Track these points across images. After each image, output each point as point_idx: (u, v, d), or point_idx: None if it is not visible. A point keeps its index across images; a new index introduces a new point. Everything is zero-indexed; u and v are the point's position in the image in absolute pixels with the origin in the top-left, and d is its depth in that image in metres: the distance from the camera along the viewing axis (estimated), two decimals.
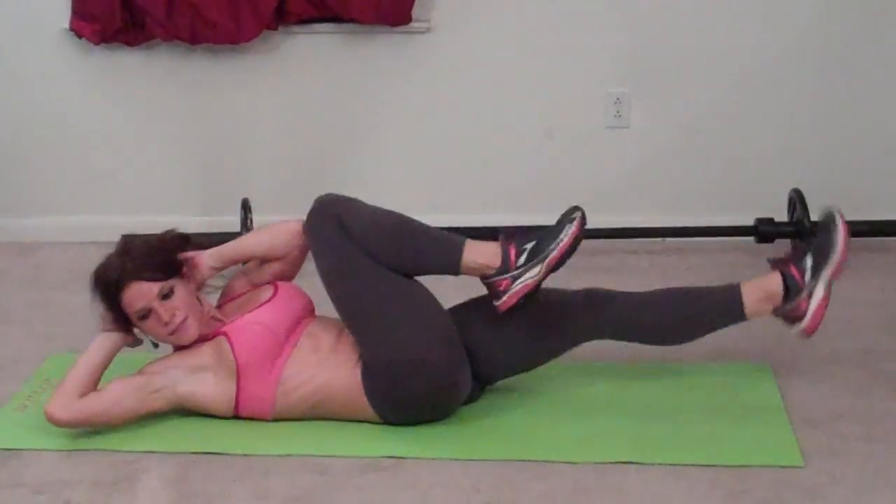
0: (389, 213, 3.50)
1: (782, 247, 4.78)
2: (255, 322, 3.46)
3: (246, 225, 4.69)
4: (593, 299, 3.53)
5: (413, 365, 3.37)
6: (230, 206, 4.86)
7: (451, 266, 3.45)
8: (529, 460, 3.28)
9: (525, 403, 3.58)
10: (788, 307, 3.48)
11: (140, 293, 3.41)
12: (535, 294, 3.41)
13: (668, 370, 3.77)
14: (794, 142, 5.00)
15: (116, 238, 3.65)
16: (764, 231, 4.77)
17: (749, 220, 4.82)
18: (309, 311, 3.63)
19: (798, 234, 4.70)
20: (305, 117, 5.06)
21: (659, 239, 4.95)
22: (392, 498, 3.13)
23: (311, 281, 3.57)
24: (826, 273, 3.47)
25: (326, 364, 3.44)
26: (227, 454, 3.33)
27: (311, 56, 4.98)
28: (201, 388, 3.42)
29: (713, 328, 3.58)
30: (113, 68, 4.99)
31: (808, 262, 3.48)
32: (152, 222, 4.86)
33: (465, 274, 3.45)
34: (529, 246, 3.41)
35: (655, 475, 3.20)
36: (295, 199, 5.07)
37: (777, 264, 3.53)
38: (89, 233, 4.93)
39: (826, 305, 3.47)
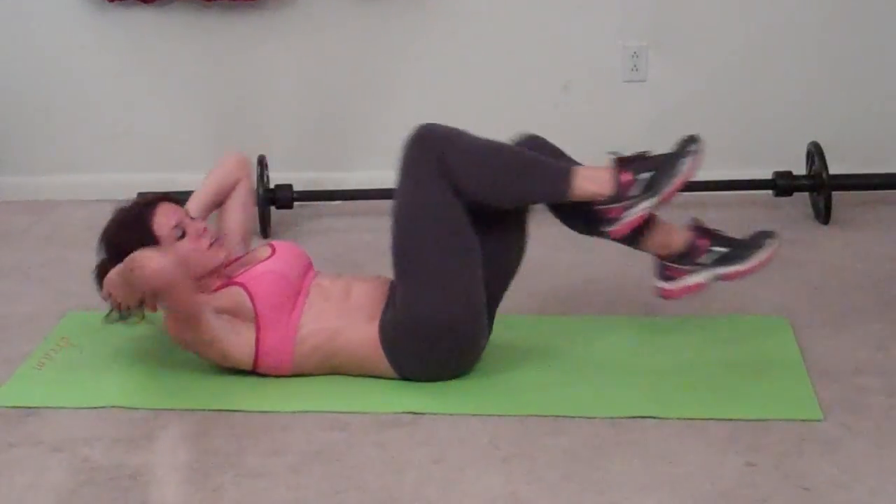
0: (493, 146, 3.40)
1: (801, 199, 4.77)
2: (270, 271, 3.46)
3: (262, 182, 4.68)
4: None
5: (443, 330, 3.35)
6: None
7: (560, 195, 3.38)
8: (547, 415, 3.28)
9: (542, 358, 3.57)
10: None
11: (172, 209, 3.48)
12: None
13: (685, 324, 3.76)
14: (813, 95, 4.97)
15: (132, 196, 3.66)
16: (782, 184, 4.74)
17: (767, 174, 4.79)
18: (309, 264, 3.62)
19: (816, 188, 4.67)
20: (321, 73, 5.05)
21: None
22: (410, 454, 3.13)
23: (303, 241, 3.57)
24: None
25: (339, 313, 3.43)
26: (246, 411, 3.34)
27: (326, 10, 4.95)
28: (227, 328, 3.41)
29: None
30: (128, 25, 4.98)
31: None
32: (168, 180, 4.89)
33: (573, 201, 3.39)
34: (645, 177, 3.35)
35: (673, 429, 3.20)
36: (311, 155, 5.10)
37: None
38: (105, 191, 4.93)
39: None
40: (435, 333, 3.36)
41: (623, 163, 3.39)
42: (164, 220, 3.45)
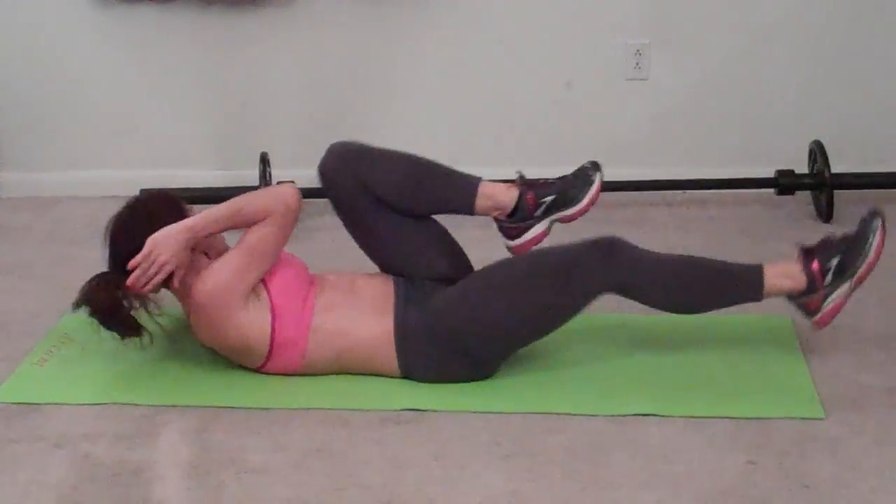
0: (678, 264, 3.46)
1: (803, 197, 4.76)
2: (281, 260, 3.47)
3: (265, 179, 4.68)
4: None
5: (471, 361, 3.40)
6: (249, 160, 4.85)
7: (755, 299, 3.43)
8: (549, 413, 3.28)
9: (544, 357, 3.57)
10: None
11: None
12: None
13: (687, 322, 3.75)
14: (815, 93, 4.97)
15: (134, 193, 3.65)
16: (784, 183, 4.74)
17: (769, 172, 4.79)
18: (305, 266, 3.60)
19: (818, 186, 4.67)
20: (324, 71, 5.04)
21: (679, 191, 4.92)
22: (412, 451, 3.13)
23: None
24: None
25: (348, 303, 3.44)
26: (247, 408, 3.34)
27: (329, 9, 4.95)
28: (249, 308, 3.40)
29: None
30: (131, 23, 4.97)
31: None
32: (171, 176, 4.89)
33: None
34: (835, 263, 3.38)
35: (675, 427, 3.20)
36: (314, 152, 5.06)
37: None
38: (108, 187, 4.92)
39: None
40: (463, 354, 3.39)
41: (810, 253, 3.42)
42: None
